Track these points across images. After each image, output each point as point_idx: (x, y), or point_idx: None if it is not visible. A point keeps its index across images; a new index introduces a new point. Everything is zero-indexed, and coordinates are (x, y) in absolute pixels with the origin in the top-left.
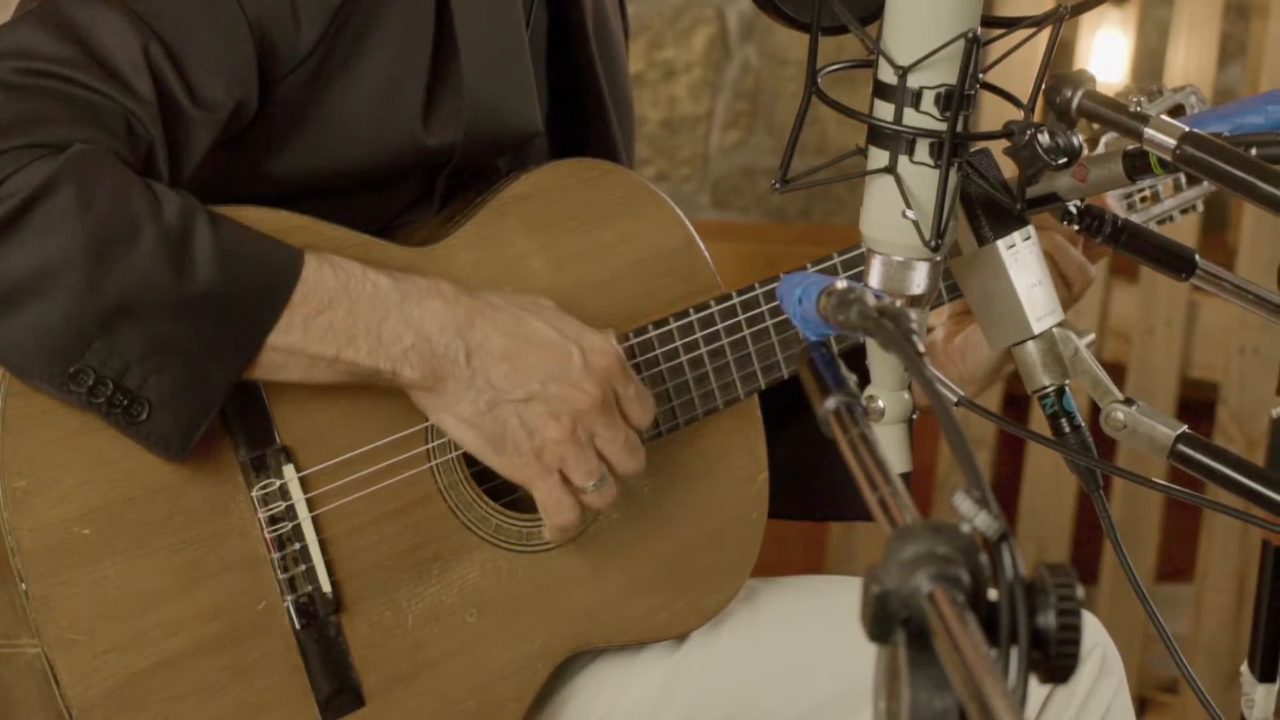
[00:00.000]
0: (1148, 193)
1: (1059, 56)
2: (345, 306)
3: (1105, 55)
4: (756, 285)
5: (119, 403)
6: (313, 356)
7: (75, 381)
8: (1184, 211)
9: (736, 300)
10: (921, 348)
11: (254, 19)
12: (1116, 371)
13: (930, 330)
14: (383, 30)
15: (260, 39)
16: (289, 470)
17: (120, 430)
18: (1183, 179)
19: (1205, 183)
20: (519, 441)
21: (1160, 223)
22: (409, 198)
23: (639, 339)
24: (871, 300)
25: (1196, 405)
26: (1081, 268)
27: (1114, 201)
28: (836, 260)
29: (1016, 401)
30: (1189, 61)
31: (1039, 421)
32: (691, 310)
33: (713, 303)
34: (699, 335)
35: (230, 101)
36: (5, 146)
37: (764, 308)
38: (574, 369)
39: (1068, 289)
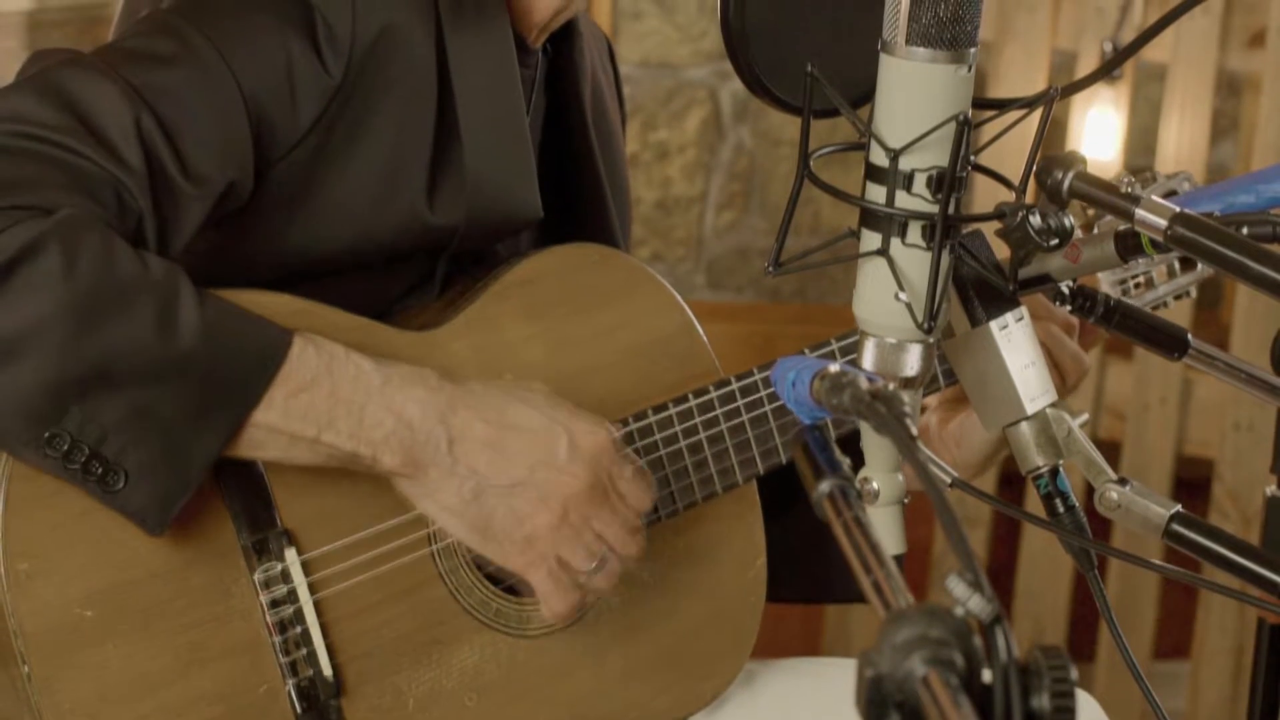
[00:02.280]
0: (1141, 279)
1: (1051, 134)
2: (327, 388)
3: (1098, 133)
4: (755, 371)
5: (94, 470)
6: (293, 436)
7: (50, 446)
8: (1178, 297)
9: (735, 386)
10: (914, 431)
11: (250, 96)
12: (1112, 449)
13: (924, 412)
14: (384, 113)
15: (257, 116)
16: (291, 554)
17: (98, 499)
18: (1176, 265)
19: (1199, 268)
20: (508, 529)
21: (1155, 309)
22: (409, 281)
23: (638, 424)
24: (864, 384)
25: (1192, 482)
26: (1076, 358)
27: (1108, 288)
28: (834, 346)
29: (1011, 481)
30: (1181, 138)
31: (1034, 501)
32: (691, 396)
33: (712, 388)
34: (698, 421)
35: (223, 177)
36: None
37: (763, 393)
38: (561, 453)
39: (1062, 380)
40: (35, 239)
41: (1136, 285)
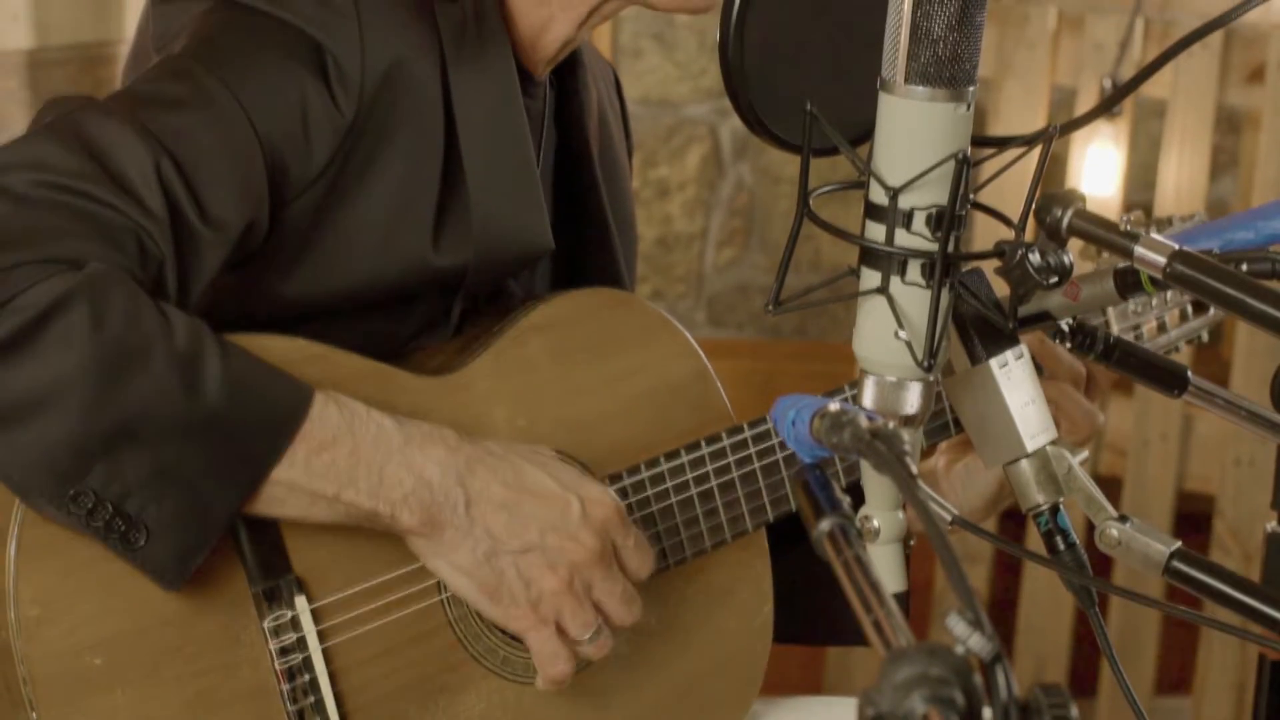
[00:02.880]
0: (1153, 323)
1: (1051, 170)
2: (349, 446)
3: (1098, 169)
4: (768, 418)
5: (117, 527)
6: (313, 494)
7: (75, 503)
8: (1189, 342)
9: (748, 434)
10: (914, 469)
11: (265, 137)
12: (1113, 485)
13: (931, 454)
14: (392, 151)
15: (272, 159)
16: (301, 602)
17: (117, 555)
18: (1189, 309)
19: (1211, 312)
20: (515, 592)
21: (1166, 353)
22: (423, 320)
23: (650, 471)
24: (864, 422)
25: (1193, 518)
26: (1088, 414)
27: (1120, 331)
28: (848, 394)
29: (1013, 517)
30: (1181, 174)
31: (1035, 538)
32: (703, 443)
33: (724, 435)
34: (709, 468)
35: (241, 220)
36: (21, 260)
37: (774, 441)
38: (572, 520)
39: (1073, 435)
40: (64, 295)
41: (1149, 331)
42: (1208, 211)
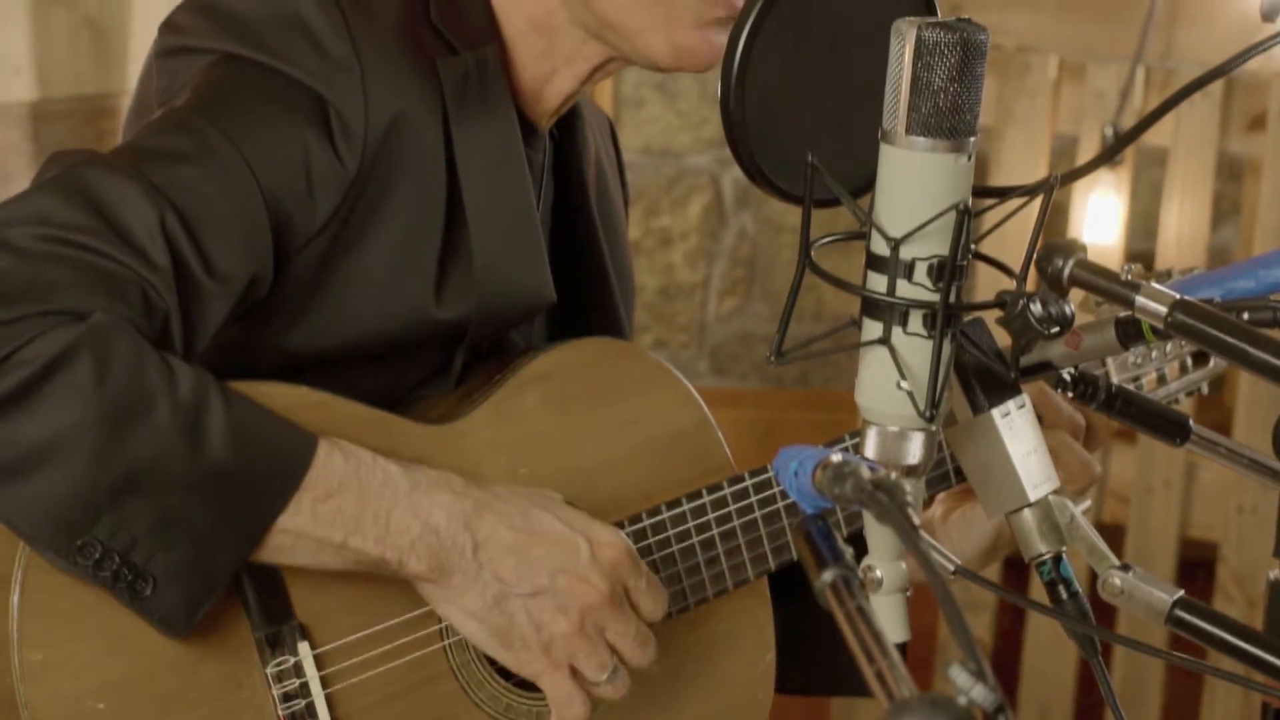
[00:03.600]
0: (1153, 375)
1: (1053, 219)
2: (355, 493)
3: (1099, 217)
4: (769, 466)
5: (124, 577)
6: (320, 541)
7: (82, 554)
8: (1189, 394)
9: (749, 482)
10: (916, 520)
11: (269, 192)
12: (1116, 532)
13: (928, 508)
14: (394, 204)
15: (276, 212)
16: (304, 648)
17: (124, 604)
18: (1189, 361)
19: (1212, 363)
20: (526, 636)
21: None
22: (425, 371)
23: (652, 520)
24: (866, 473)
25: (1196, 565)
26: (1085, 465)
27: (1121, 383)
28: (848, 444)
29: (1015, 565)
30: (1183, 222)
31: (1038, 587)
32: (704, 491)
33: (725, 483)
34: (711, 516)
35: (245, 273)
36: (24, 313)
37: (775, 489)
38: (582, 562)
39: (1071, 485)
40: (67, 346)
41: (1149, 382)
42: (1209, 258)
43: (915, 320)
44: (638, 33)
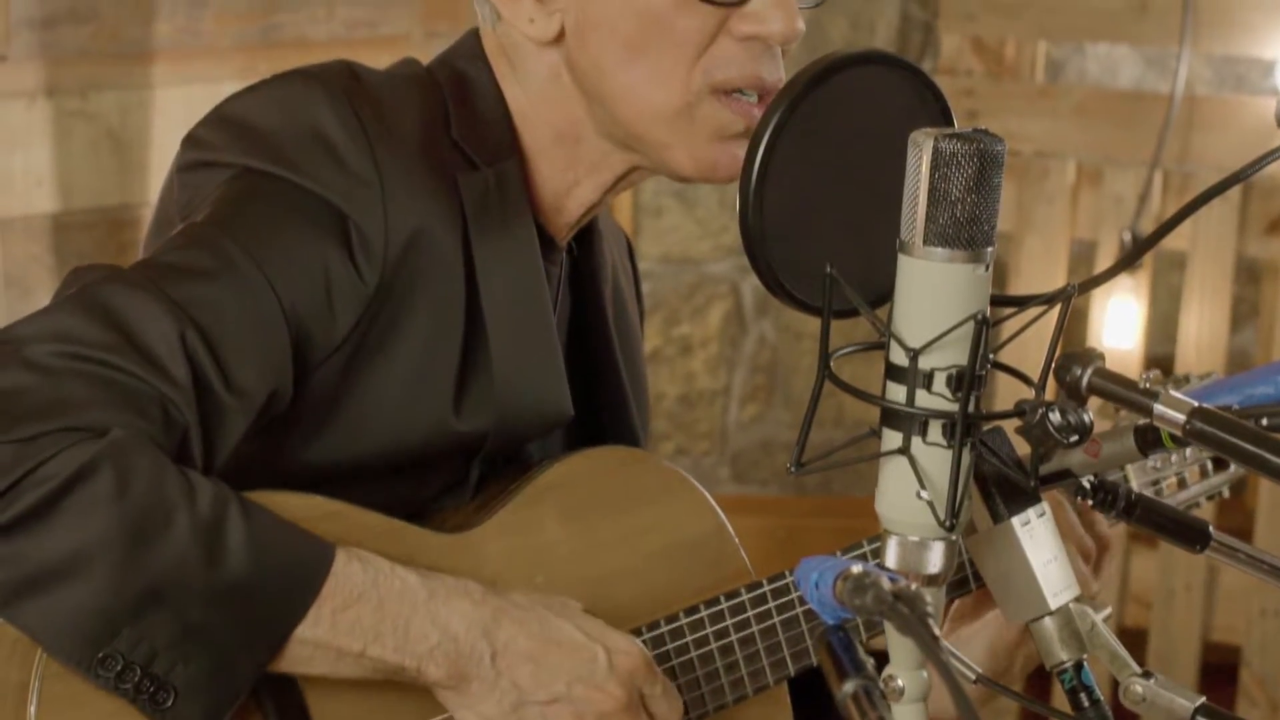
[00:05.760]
0: (1174, 479)
1: (1072, 324)
2: (373, 602)
3: (1118, 322)
4: (787, 573)
5: (145, 688)
6: (339, 650)
7: (104, 666)
8: (1210, 498)
9: (767, 588)
10: (937, 631)
11: (290, 308)
12: (1138, 636)
13: (946, 611)
14: (414, 318)
15: (296, 328)
16: None
17: (145, 715)
18: (1209, 464)
19: (1232, 467)
20: None
21: (1188, 509)
22: (442, 483)
23: (670, 626)
24: (887, 584)
25: (1219, 669)
26: (1084, 583)
27: (1141, 488)
28: (866, 549)
29: (1037, 672)
30: (1202, 326)
31: (1060, 695)
32: (722, 598)
33: (743, 590)
34: (729, 623)
35: (265, 389)
36: (45, 429)
37: (794, 595)
38: (599, 671)
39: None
40: (88, 462)
41: (1169, 486)
42: (1229, 362)
43: (935, 430)
44: (662, 146)
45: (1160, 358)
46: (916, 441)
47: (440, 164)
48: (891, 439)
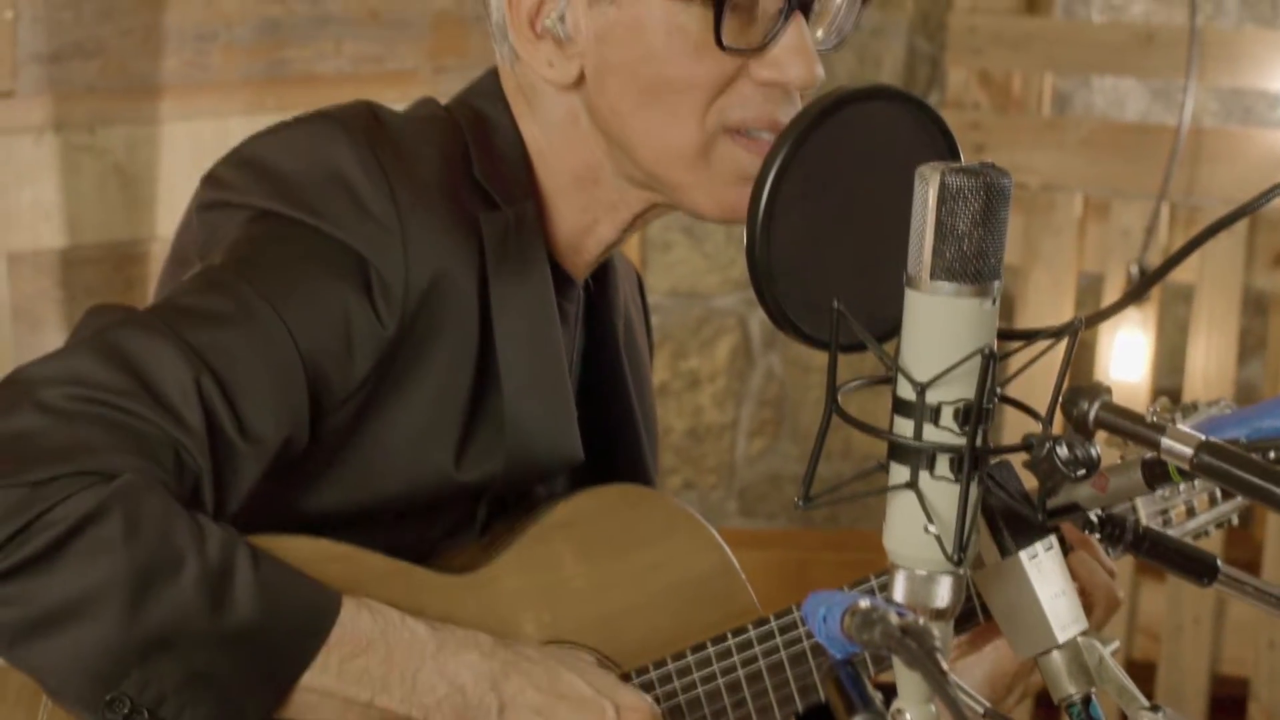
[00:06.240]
0: (1182, 508)
1: (1080, 357)
2: (382, 652)
3: (1126, 355)
4: (793, 609)
5: None
6: (347, 699)
7: (111, 709)
8: (1219, 525)
9: (774, 624)
10: (945, 665)
11: (307, 355)
12: (1147, 669)
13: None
14: (428, 363)
15: (313, 375)
16: None
17: None
18: (1218, 493)
19: (1239, 497)
20: None
21: (1196, 538)
22: (450, 525)
23: (677, 664)
24: (894, 619)
25: (1228, 701)
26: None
27: (1149, 517)
28: (874, 583)
29: (1045, 705)
30: (1209, 358)
31: None
32: (729, 635)
33: (750, 627)
34: (736, 660)
35: (280, 435)
36: (56, 473)
37: (800, 631)
38: None
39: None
40: (98, 506)
41: (1178, 515)
42: (1236, 394)
43: (942, 464)
44: (683, 188)
45: (1168, 390)
46: (924, 476)
47: (461, 204)
48: (899, 473)
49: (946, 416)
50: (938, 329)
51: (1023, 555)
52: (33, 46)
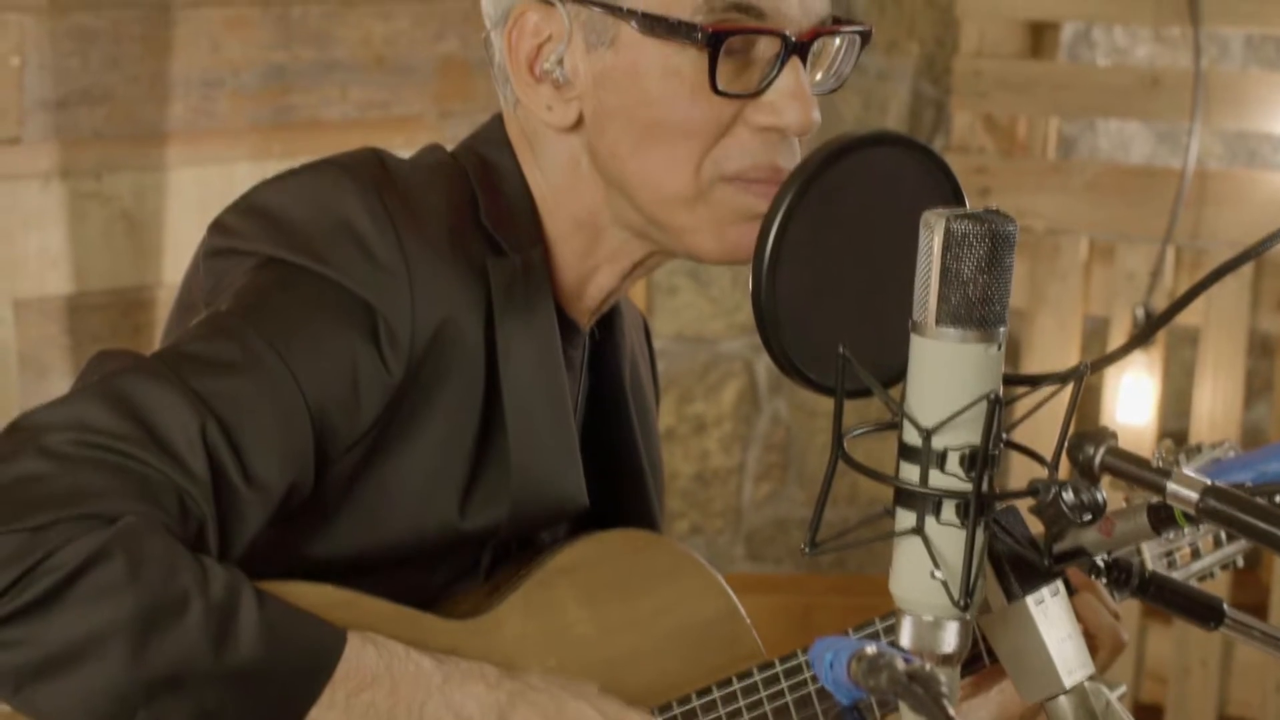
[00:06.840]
0: (1187, 549)
1: (1086, 400)
2: (387, 686)
3: (1132, 398)
4: (799, 652)
5: None
6: None
7: None
8: (1224, 567)
9: (780, 668)
10: (952, 712)
11: (313, 402)
12: (1154, 713)
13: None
14: (434, 409)
15: (320, 422)
16: None
17: None
18: (1223, 535)
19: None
20: None
21: (1201, 579)
22: (453, 571)
23: (683, 709)
24: (901, 665)
25: None
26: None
27: (1154, 559)
28: (879, 627)
29: None
30: (1216, 401)
31: None
32: (735, 679)
33: (756, 670)
34: (743, 703)
35: (285, 483)
36: (59, 517)
37: (806, 675)
38: None
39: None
40: (100, 548)
41: (1183, 556)
42: (1243, 437)
43: (948, 509)
44: (685, 231)
45: (1174, 433)
46: (930, 521)
47: (468, 251)
48: (905, 519)
49: (952, 462)
50: (943, 375)
51: (1029, 600)
52: (39, 93)
